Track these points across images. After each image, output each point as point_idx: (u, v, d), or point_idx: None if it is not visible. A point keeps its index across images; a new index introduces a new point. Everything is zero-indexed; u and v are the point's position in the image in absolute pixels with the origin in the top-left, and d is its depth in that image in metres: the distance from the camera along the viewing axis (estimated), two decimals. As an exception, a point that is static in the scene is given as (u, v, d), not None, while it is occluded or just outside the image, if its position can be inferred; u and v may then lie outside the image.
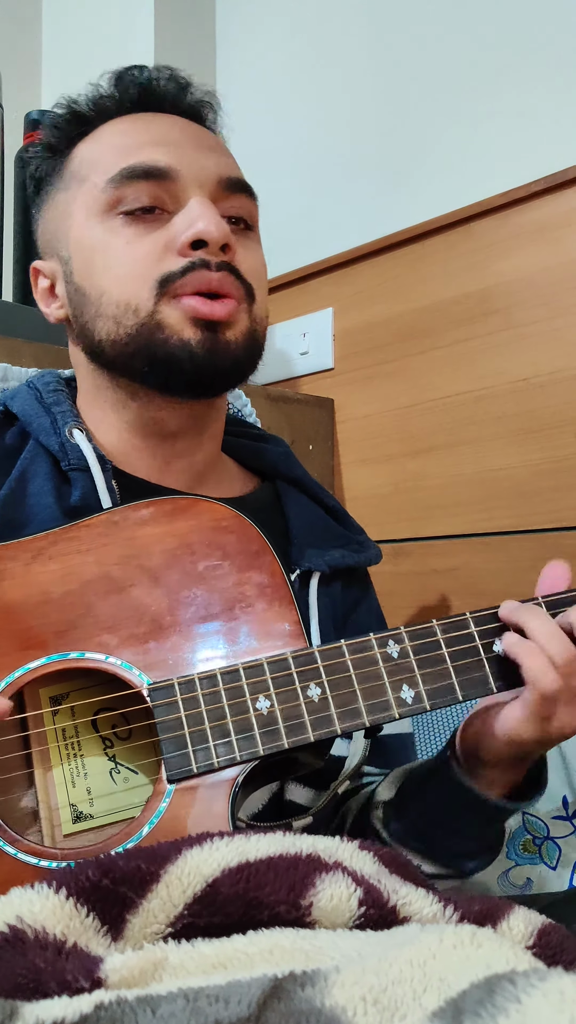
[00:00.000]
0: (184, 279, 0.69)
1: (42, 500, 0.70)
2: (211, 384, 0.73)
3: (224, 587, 0.63)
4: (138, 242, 0.71)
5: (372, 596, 0.89)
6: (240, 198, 0.76)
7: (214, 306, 0.70)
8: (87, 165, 0.75)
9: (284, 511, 0.83)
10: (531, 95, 1.26)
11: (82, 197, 0.74)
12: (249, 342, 0.73)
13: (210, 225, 0.69)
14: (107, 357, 0.73)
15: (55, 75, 1.78)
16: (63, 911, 0.39)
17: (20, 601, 0.61)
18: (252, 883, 0.42)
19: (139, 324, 0.70)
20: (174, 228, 0.71)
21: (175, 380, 0.71)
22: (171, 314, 0.70)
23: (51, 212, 0.78)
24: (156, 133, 0.74)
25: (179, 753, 0.57)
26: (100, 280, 0.72)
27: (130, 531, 0.64)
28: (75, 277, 0.74)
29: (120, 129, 0.75)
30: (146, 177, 0.71)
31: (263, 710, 0.59)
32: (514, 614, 0.62)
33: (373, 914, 0.42)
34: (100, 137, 0.76)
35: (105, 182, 0.72)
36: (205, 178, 0.73)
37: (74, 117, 0.77)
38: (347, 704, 0.60)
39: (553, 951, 0.42)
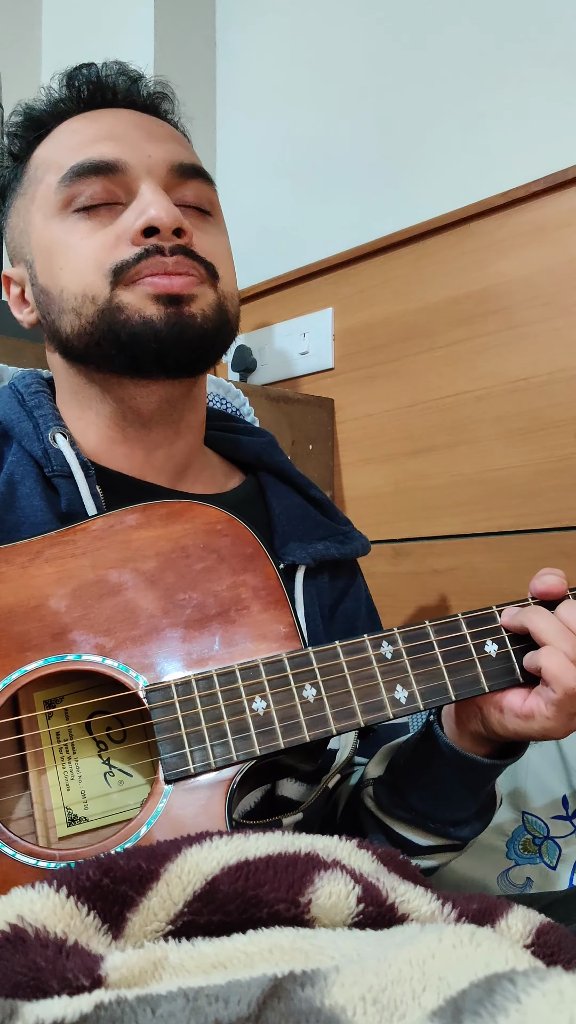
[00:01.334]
0: (138, 267, 0.69)
1: (33, 503, 0.70)
2: (180, 359, 0.72)
3: (219, 589, 0.63)
4: (92, 236, 0.71)
5: (360, 584, 0.89)
6: (195, 184, 0.75)
7: (172, 280, 0.69)
8: (42, 167, 0.75)
9: (267, 503, 0.83)
10: (531, 95, 1.26)
11: (39, 199, 0.74)
12: (218, 315, 0.73)
13: (160, 211, 0.69)
14: (77, 351, 0.73)
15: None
16: (63, 910, 0.40)
17: (16, 604, 0.61)
18: (251, 881, 0.42)
19: (98, 311, 0.70)
20: (126, 219, 0.71)
21: (143, 359, 0.70)
22: (130, 296, 0.70)
23: (14, 219, 0.79)
24: (106, 128, 0.74)
25: (176, 754, 0.58)
26: (59, 277, 0.72)
27: (125, 535, 0.64)
28: (39, 279, 0.75)
29: (72, 128, 0.76)
30: (96, 172, 0.71)
31: (259, 711, 0.59)
32: (516, 618, 0.63)
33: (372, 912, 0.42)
34: (54, 138, 0.76)
35: (57, 182, 0.72)
36: (154, 165, 0.73)
37: (30, 122, 0.78)
38: (342, 704, 0.60)
39: (551, 950, 0.42)
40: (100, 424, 0.76)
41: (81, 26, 1.75)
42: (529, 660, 0.62)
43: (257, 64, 1.69)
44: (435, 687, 0.62)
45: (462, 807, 0.69)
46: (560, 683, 0.60)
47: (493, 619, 0.65)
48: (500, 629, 0.64)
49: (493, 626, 0.64)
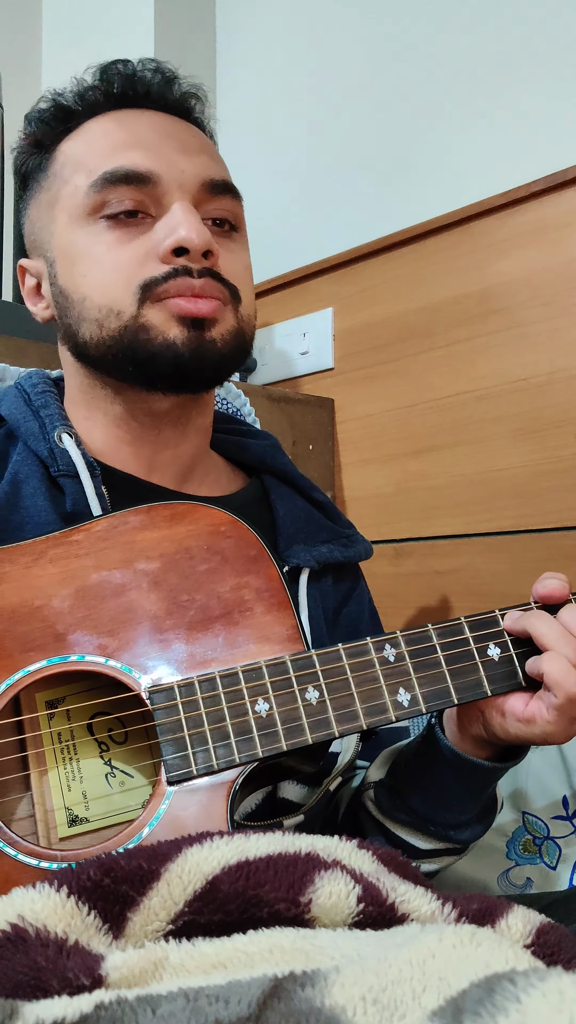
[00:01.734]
0: (166, 285, 0.69)
1: (37, 502, 0.70)
2: (195, 381, 0.73)
3: (222, 591, 0.63)
4: (120, 248, 0.71)
5: (363, 588, 0.89)
6: (224, 199, 0.75)
7: (199, 303, 0.70)
8: (70, 166, 0.74)
9: (272, 506, 0.83)
10: (531, 95, 1.26)
11: (64, 199, 0.74)
12: (236, 340, 0.73)
13: (191, 232, 0.69)
14: (92, 357, 0.73)
15: (55, 75, 1.78)
16: (64, 909, 0.40)
17: (19, 604, 0.61)
18: (252, 880, 0.42)
19: (122, 327, 0.70)
20: (156, 235, 0.71)
21: (159, 378, 0.71)
22: (155, 315, 0.70)
23: (36, 211, 0.78)
24: (138, 134, 0.74)
25: (179, 755, 0.58)
26: (82, 285, 0.72)
27: (129, 535, 0.64)
28: (59, 280, 0.74)
29: (103, 129, 0.75)
30: (127, 181, 0.71)
31: (262, 712, 0.59)
32: (519, 622, 0.63)
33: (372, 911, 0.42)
34: (83, 136, 0.75)
35: (87, 186, 0.72)
36: (187, 181, 0.73)
37: (59, 111, 0.77)
38: (345, 707, 0.60)
39: (551, 950, 0.42)
40: (108, 424, 0.76)
41: (81, 26, 1.75)
42: (531, 665, 0.62)
43: (257, 64, 1.69)
44: (437, 690, 0.62)
45: (463, 810, 0.69)
46: (562, 688, 0.60)
47: (496, 622, 0.65)
48: (503, 633, 0.64)
49: (496, 629, 0.64)
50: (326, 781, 0.70)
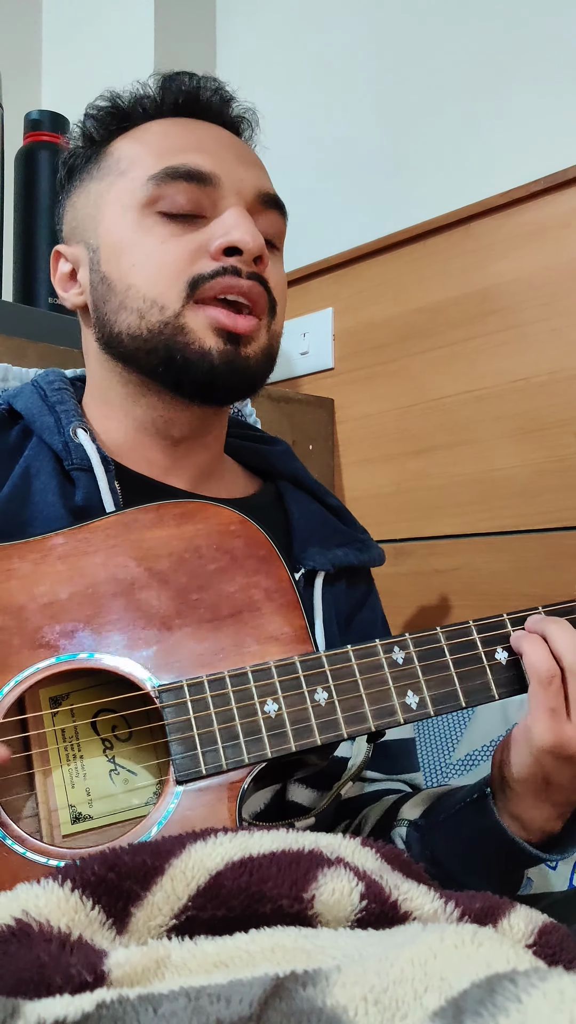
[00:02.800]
0: (213, 281, 0.70)
1: (47, 498, 0.70)
2: (223, 395, 0.74)
3: (232, 591, 0.63)
4: (172, 241, 0.71)
5: (375, 595, 0.89)
6: (273, 215, 0.77)
7: (237, 320, 0.70)
8: (127, 160, 0.75)
9: (287, 510, 0.83)
10: (531, 95, 1.26)
11: (118, 190, 0.74)
12: (265, 359, 0.74)
13: (246, 235, 0.70)
14: (124, 349, 0.73)
15: (55, 75, 1.78)
16: (68, 904, 0.40)
17: (28, 601, 0.61)
18: (255, 876, 0.42)
19: (163, 322, 0.70)
20: (210, 232, 0.71)
21: (187, 384, 0.71)
22: (195, 320, 0.70)
23: (82, 200, 0.78)
24: (200, 139, 0.75)
25: (188, 755, 0.58)
26: (128, 273, 0.72)
27: (139, 533, 0.64)
28: (102, 266, 0.74)
29: (164, 130, 0.76)
30: (188, 179, 0.72)
31: (271, 713, 0.59)
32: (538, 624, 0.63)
33: (375, 909, 0.42)
34: (142, 135, 0.76)
35: (146, 178, 0.72)
36: (244, 189, 0.74)
37: (116, 111, 0.77)
38: (353, 708, 0.60)
39: (553, 950, 0.42)
40: (128, 425, 0.76)
41: (81, 26, 1.74)
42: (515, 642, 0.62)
43: (257, 65, 1.69)
44: (445, 693, 0.62)
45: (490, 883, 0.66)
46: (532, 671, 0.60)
47: (503, 626, 0.65)
48: (511, 636, 0.64)
49: (502, 632, 0.64)
50: (336, 785, 0.69)
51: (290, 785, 0.72)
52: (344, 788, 0.70)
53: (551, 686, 0.59)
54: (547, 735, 0.59)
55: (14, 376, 0.93)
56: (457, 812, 0.68)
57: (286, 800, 0.72)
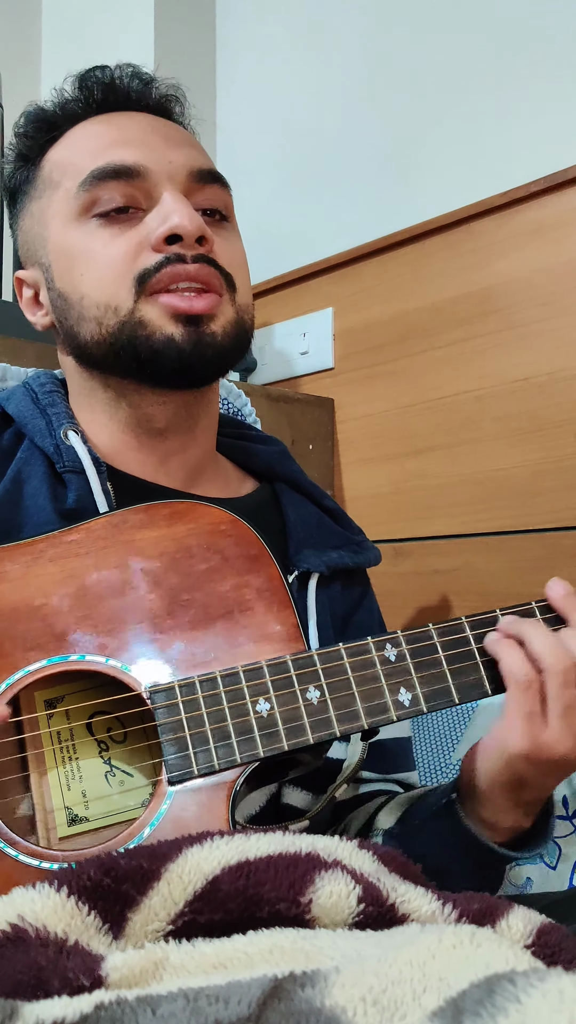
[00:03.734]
0: (160, 273, 0.69)
1: (38, 502, 0.70)
2: (199, 375, 0.73)
3: (223, 590, 0.63)
4: (114, 243, 0.71)
5: (372, 597, 0.88)
6: (213, 189, 0.75)
7: (193, 302, 0.70)
8: (58, 171, 0.74)
9: (282, 512, 0.82)
10: (531, 95, 1.26)
11: (56, 203, 0.74)
12: (236, 331, 0.73)
13: (183, 219, 0.69)
14: (94, 358, 0.73)
15: (55, 74, 1.78)
16: (64, 910, 0.40)
17: (19, 603, 0.61)
18: (252, 880, 0.42)
19: (120, 323, 0.70)
20: (148, 225, 0.71)
21: (162, 373, 0.71)
22: (151, 311, 0.70)
23: (28, 221, 0.78)
24: (123, 132, 0.74)
25: (180, 755, 0.58)
26: (79, 284, 0.72)
27: (129, 534, 0.64)
28: (56, 283, 0.74)
29: (88, 132, 0.75)
30: (116, 176, 0.71)
31: (263, 712, 0.59)
32: (513, 626, 0.62)
33: (372, 911, 0.42)
34: (69, 141, 0.76)
35: (77, 186, 0.72)
36: (175, 172, 0.73)
37: (42, 123, 0.77)
38: (346, 706, 0.60)
39: (552, 950, 0.42)
40: (114, 429, 0.76)
41: (81, 26, 1.74)
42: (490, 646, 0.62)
43: (257, 64, 1.69)
44: (438, 690, 0.62)
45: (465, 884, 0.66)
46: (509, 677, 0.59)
47: (496, 622, 0.64)
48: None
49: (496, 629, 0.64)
50: (331, 788, 0.69)
51: (285, 788, 0.72)
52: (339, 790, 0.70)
53: (529, 691, 0.59)
54: (524, 740, 0.58)
55: (12, 376, 0.93)
56: (429, 819, 0.68)
57: (281, 803, 0.71)
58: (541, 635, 0.60)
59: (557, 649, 0.59)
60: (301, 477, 0.87)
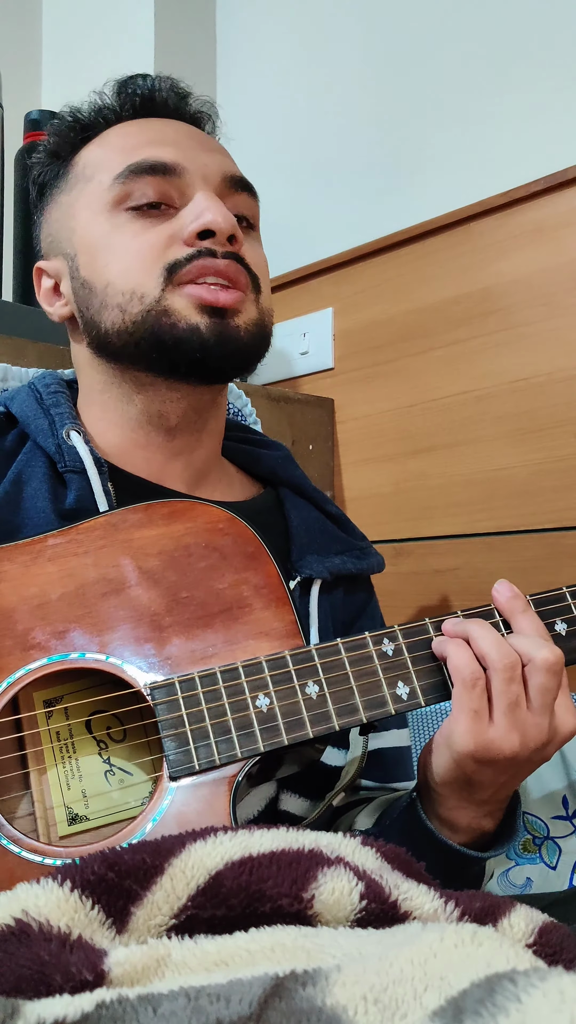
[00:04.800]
0: (190, 266, 0.70)
1: (37, 504, 0.70)
2: (219, 368, 0.73)
3: (221, 588, 0.63)
4: (144, 234, 0.72)
5: (375, 605, 0.88)
6: (243, 197, 0.77)
7: (219, 294, 0.70)
8: (92, 166, 0.76)
9: (285, 517, 0.83)
10: (531, 95, 1.26)
11: (87, 195, 0.75)
12: (258, 330, 0.74)
13: (217, 216, 0.70)
14: (114, 348, 0.73)
15: (55, 75, 1.78)
16: (68, 903, 0.40)
17: (19, 603, 0.61)
18: (255, 876, 0.42)
19: (145, 311, 0.70)
20: (181, 219, 0.72)
21: (183, 364, 0.71)
22: (177, 301, 0.70)
23: (55, 213, 0.79)
24: (161, 133, 0.76)
25: (181, 750, 0.58)
26: (106, 272, 0.72)
27: (127, 533, 0.64)
28: (81, 272, 0.75)
29: (125, 131, 0.77)
30: (152, 172, 0.72)
31: (263, 707, 0.59)
32: (458, 627, 0.63)
33: (374, 908, 0.42)
34: (104, 140, 0.77)
35: (112, 179, 0.73)
36: (209, 174, 0.74)
37: (77, 124, 0.79)
38: (344, 700, 0.61)
39: (553, 949, 0.42)
40: (123, 426, 0.76)
41: (81, 26, 1.74)
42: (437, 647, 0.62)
43: (257, 64, 1.69)
44: (436, 683, 0.63)
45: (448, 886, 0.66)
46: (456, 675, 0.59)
47: (491, 615, 0.65)
48: (499, 625, 0.64)
49: (491, 622, 0.65)
50: (329, 796, 0.69)
51: (282, 794, 0.72)
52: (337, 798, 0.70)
53: (475, 688, 0.59)
54: (468, 738, 0.58)
55: (13, 376, 0.93)
56: (396, 819, 0.68)
57: (279, 810, 0.71)
58: (486, 634, 0.61)
59: (502, 646, 0.60)
60: (305, 482, 0.87)
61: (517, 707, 0.59)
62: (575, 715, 0.62)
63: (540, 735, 0.59)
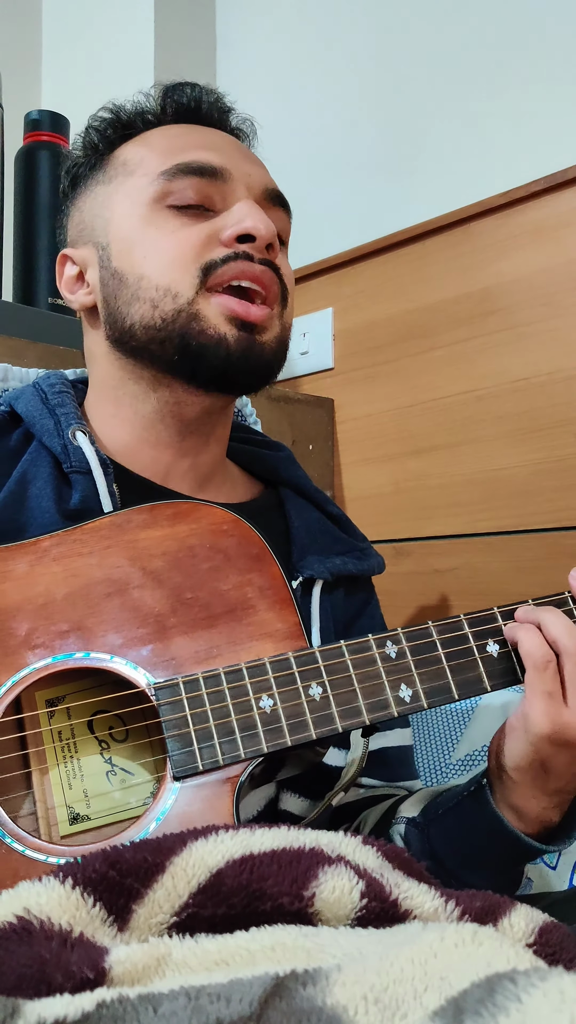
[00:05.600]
0: (226, 267, 0.71)
1: (42, 503, 0.70)
2: (238, 382, 0.74)
3: (225, 589, 0.63)
4: (183, 231, 0.72)
5: (376, 604, 0.88)
6: (279, 212, 0.78)
7: (250, 309, 0.71)
8: (134, 161, 0.76)
9: (287, 517, 0.83)
10: (531, 95, 1.26)
11: (128, 188, 0.75)
12: (279, 348, 0.75)
13: (259, 222, 0.71)
14: (137, 342, 0.73)
15: (55, 75, 1.78)
16: (69, 901, 0.40)
17: (23, 602, 0.61)
18: (256, 874, 0.42)
19: (176, 310, 0.71)
20: (222, 221, 0.73)
21: (203, 371, 0.71)
22: (208, 307, 0.71)
23: (89, 203, 0.79)
24: (206, 138, 0.77)
25: (185, 751, 0.58)
26: (140, 265, 0.73)
27: (132, 534, 0.64)
28: (113, 262, 0.75)
29: (169, 133, 0.78)
30: (199, 174, 0.73)
31: (266, 708, 0.59)
32: (531, 614, 0.63)
33: (375, 907, 0.42)
34: (148, 140, 0.78)
35: (156, 175, 0.73)
36: (252, 184, 0.76)
37: (119, 121, 0.79)
38: (347, 703, 0.61)
39: (554, 949, 0.42)
40: (135, 423, 0.77)
41: (81, 26, 1.74)
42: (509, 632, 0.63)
43: (257, 65, 1.69)
44: (438, 686, 0.63)
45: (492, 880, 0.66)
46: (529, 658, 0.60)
47: (494, 619, 0.65)
48: (501, 629, 0.64)
49: (494, 626, 0.65)
50: (328, 795, 0.69)
51: (282, 794, 0.72)
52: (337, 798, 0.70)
53: (547, 671, 0.60)
54: (544, 720, 0.59)
55: (14, 376, 0.93)
56: (455, 806, 0.68)
57: (279, 809, 0.72)
58: (558, 619, 0.62)
59: (573, 631, 0.61)
60: (306, 483, 0.88)
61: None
62: None
63: None
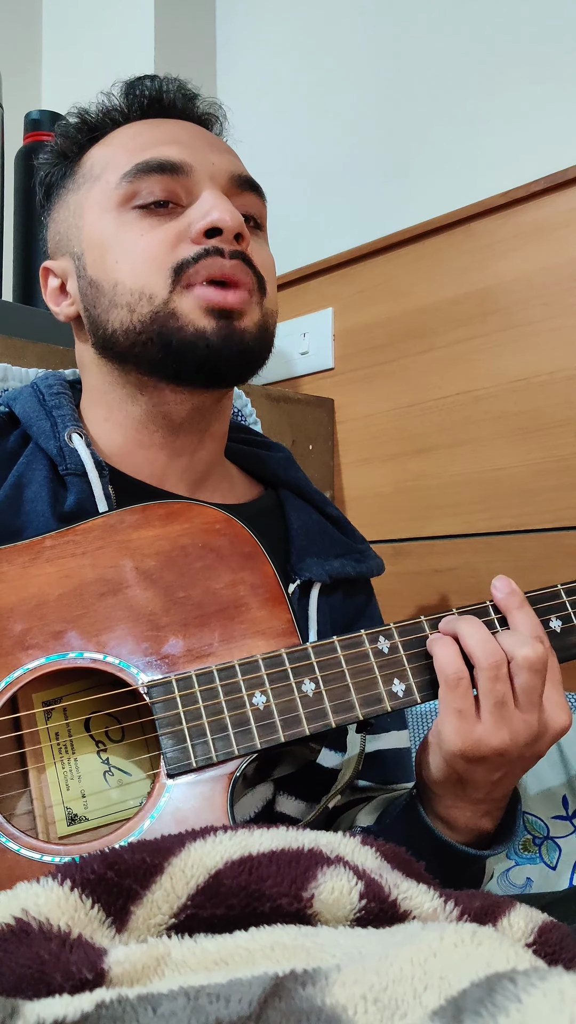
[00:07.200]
0: (197, 265, 0.70)
1: (37, 507, 0.70)
2: (223, 372, 0.73)
3: (218, 588, 0.63)
4: (152, 232, 0.72)
5: (375, 607, 0.88)
6: (250, 196, 0.77)
7: (227, 295, 0.70)
8: (100, 165, 0.76)
9: (286, 519, 0.83)
10: (531, 95, 1.26)
11: (95, 194, 0.75)
12: (261, 333, 0.74)
13: (224, 214, 0.71)
14: (120, 348, 0.73)
15: (55, 75, 1.78)
16: (68, 902, 0.40)
17: (17, 603, 0.61)
18: (254, 875, 0.42)
19: (153, 312, 0.70)
20: (189, 217, 0.72)
21: (188, 368, 0.71)
22: (185, 303, 0.70)
23: (62, 213, 0.79)
24: (169, 133, 0.76)
25: (178, 748, 0.58)
26: (114, 271, 0.72)
27: (125, 534, 0.64)
28: (88, 271, 0.75)
29: (133, 131, 0.77)
30: (160, 171, 0.72)
31: (259, 705, 0.60)
32: (450, 624, 0.63)
33: (374, 908, 0.42)
34: (112, 140, 0.77)
35: (119, 178, 0.73)
36: (216, 173, 0.74)
37: (85, 125, 0.79)
38: (340, 698, 0.61)
39: (553, 949, 0.42)
40: (127, 426, 0.76)
41: (81, 26, 1.74)
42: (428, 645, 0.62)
43: (257, 65, 1.69)
44: (431, 680, 0.63)
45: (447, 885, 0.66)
46: (441, 674, 0.60)
47: (486, 613, 0.66)
48: (493, 623, 0.65)
49: (485, 620, 0.65)
50: (325, 798, 0.69)
51: (279, 796, 0.72)
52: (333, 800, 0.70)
53: (457, 688, 0.59)
54: (456, 737, 0.59)
55: (13, 376, 0.93)
56: (398, 815, 0.68)
57: (275, 812, 0.71)
58: (474, 631, 0.61)
59: (487, 644, 0.60)
60: (306, 484, 0.87)
61: (504, 705, 0.59)
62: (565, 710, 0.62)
63: (529, 732, 0.60)
